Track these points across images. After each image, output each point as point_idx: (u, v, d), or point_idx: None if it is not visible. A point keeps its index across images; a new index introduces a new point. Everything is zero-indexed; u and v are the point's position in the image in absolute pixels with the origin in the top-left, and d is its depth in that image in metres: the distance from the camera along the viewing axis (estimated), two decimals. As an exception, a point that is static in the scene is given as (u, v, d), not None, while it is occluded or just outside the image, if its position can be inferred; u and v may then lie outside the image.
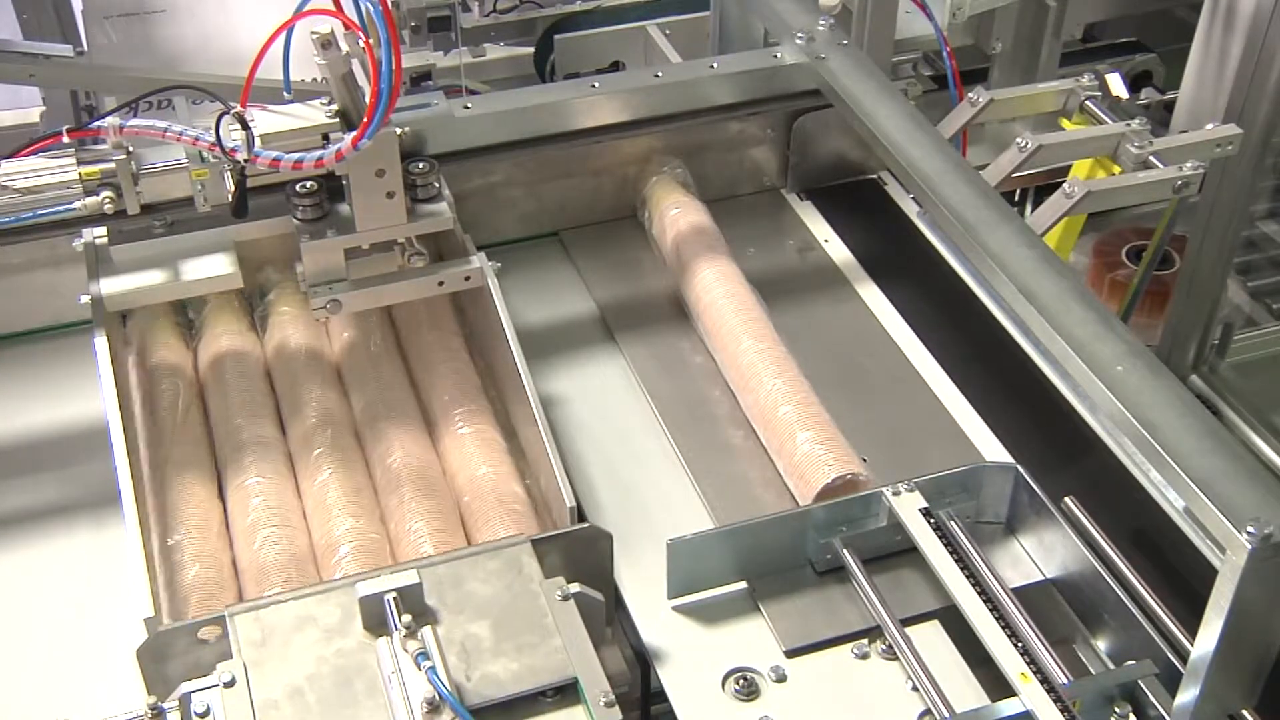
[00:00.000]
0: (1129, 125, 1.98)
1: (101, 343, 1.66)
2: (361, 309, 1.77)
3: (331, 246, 1.69)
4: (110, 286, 1.71)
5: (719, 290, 1.87)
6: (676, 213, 2.00)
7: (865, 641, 1.50)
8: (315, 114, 1.62)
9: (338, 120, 1.62)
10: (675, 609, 1.54)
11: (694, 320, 1.91)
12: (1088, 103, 2.08)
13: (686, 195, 2.05)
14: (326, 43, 1.54)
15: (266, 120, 1.60)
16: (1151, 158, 1.96)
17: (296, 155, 1.57)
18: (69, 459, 1.76)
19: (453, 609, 1.35)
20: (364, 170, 1.64)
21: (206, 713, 1.27)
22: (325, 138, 1.61)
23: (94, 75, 2.51)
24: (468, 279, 1.76)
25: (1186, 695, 1.33)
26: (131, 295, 1.72)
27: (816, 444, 1.64)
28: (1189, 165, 1.94)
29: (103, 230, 1.75)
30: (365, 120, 1.54)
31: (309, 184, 1.68)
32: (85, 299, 1.70)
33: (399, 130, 1.65)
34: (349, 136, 1.56)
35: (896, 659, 1.47)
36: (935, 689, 1.41)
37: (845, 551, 1.55)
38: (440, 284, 1.76)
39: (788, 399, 1.70)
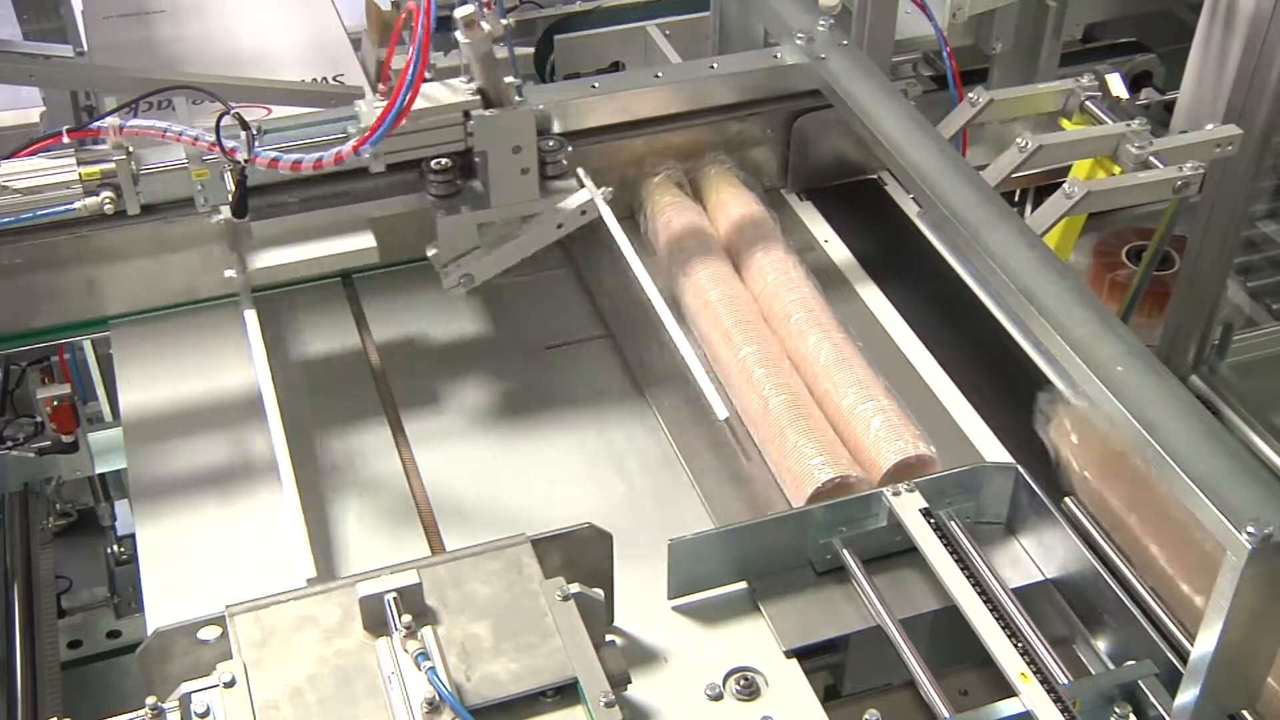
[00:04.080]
0: (1129, 125, 1.98)
1: (251, 316, 1.73)
2: (491, 274, 1.80)
3: (466, 221, 1.73)
4: (254, 261, 1.74)
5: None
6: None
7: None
8: (452, 94, 1.67)
9: (479, 97, 1.66)
10: (675, 609, 1.54)
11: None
12: (1088, 103, 2.08)
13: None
14: (471, 23, 1.56)
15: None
16: (1151, 158, 1.96)
17: (296, 156, 1.57)
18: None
19: (453, 609, 1.35)
20: (500, 147, 1.68)
21: (206, 713, 1.26)
22: (467, 115, 1.66)
23: (94, 75, 2.50)
24: (584, 213, 1.79)
25: (1186, 695, 1.33)
26: (273, 270, 1.75)
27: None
28: (1189, 165, 1.93)
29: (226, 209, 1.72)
30: (374, 124, 1.55)
31: (443, 160, 1.72)
32: (230, 274, 1.72)
33: (537, 106, 1.69)
34: (353, 139, 1.57)
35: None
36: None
37: (845, 551, 1.55)
38: (559, 226, 1.79)
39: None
